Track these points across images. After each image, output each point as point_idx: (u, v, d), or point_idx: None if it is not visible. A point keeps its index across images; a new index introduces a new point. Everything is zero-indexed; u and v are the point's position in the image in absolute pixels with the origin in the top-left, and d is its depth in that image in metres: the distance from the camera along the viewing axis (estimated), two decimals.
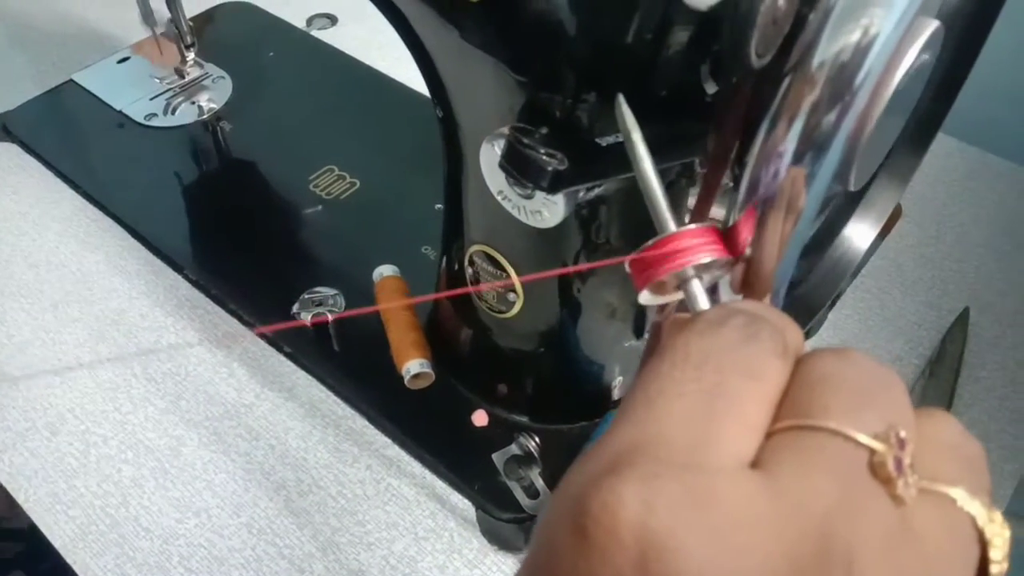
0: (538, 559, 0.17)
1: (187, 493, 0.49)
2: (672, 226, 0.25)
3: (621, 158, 0.33)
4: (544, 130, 0.34)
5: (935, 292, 0.60)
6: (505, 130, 0.33)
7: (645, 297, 0.26)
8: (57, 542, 0.48)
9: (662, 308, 0.28)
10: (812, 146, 0.26)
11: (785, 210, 0.27)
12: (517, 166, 0.32)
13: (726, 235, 0.26)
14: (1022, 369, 0.56)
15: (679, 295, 0.26)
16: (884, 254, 0.62)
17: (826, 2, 0.25)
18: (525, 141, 0.32)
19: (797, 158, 0.26)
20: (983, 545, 0.18)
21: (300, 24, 0.81)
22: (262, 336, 0.56)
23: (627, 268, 0.26)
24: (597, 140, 0.32)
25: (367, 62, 0.75)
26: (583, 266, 0.42)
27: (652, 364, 0.19)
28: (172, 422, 0.52)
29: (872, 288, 0.60)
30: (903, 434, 0.17)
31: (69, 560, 0.47)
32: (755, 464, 0.17)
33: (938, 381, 0.54)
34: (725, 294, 0.28)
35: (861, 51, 0.25)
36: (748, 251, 0.27)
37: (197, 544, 0.48)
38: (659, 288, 0.26)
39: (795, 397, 0.19)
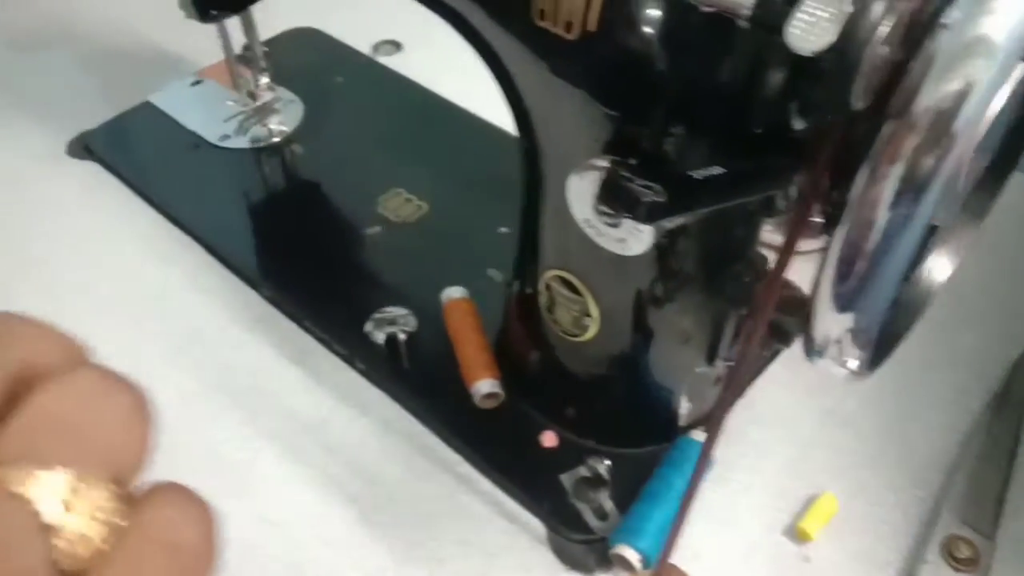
0: None
1: (265, 505, 0.51)
2: None
3: (714, 190, 0.34)
4: (633, 162, 0.36)
5: (999, 324, 0.60)
6: (600, 162, 0.35)
7: None
8: None
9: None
10: (912, 188, 0.27)
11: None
12: (614, 197, 0.34)
13: None
14: None
15: None
16: (948, 286, 0.62)
17: (928, 51, 0.26)
18: (623, 174, 0.33)
19: (897, 199, 0.27)
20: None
21: (366, 50, 0.83)
22: (335, 353, 0.58)
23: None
24: (691, 173, 0.33)
25: (431, 88, 0.77)
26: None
27: None
28: (249, 435, 0.54)
29: (935, 319, 0.61)
30: None
31: None
32: None
33: (1005, 416, 0.54)
34: None
35: (962, 98, 0.26)
36: None
37: (274, 556, 0.49)
38: None
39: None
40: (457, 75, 0.74)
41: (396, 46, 0.85)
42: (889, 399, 0.57)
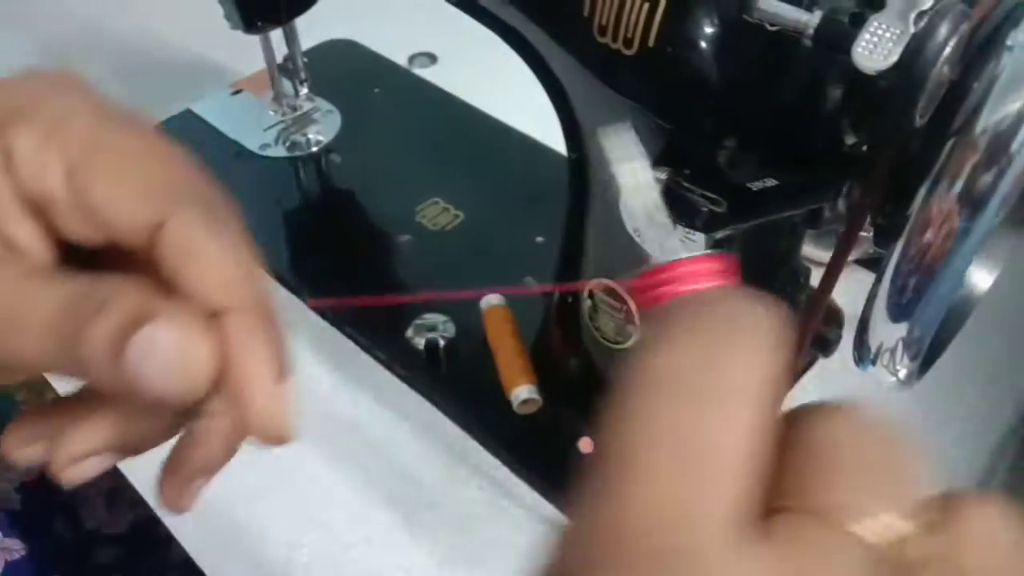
0: None
1: (309, 504, 0.52)
2: (681, 251, 0.25)
3: (774, 201, 0.35)
4: (687, 172, 0.37)
5: None
6: (658, 174, 0.36)
7: (638, 323, 0.26)
8: (188, 546, 0.50)
9: None
10: (971, 204, 0.28)
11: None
12: (675, 207, 0.35)
13: (727, 267, 0.27)
14: None
15: None
16: (985, 299, 0.63)
17: (991, 72, 0.27)
18: (685, 184, 0.34)
19: (959, 214, 0.28)
20: None
21: (402, 62, 0.85)
22: (377, 358, 0.59)
23: (623, 293, 0.26)
24: (748, 184, 0.34)
25: (467, 100, 0.79)
26: None
27: (623, 395, 0.16)
28: None
29: (968, 332, 0.61)
30: (914, 526, 0.16)
31: (199, 563, 0.50)
32: (748, 526, 0.15)
33: None
34: None
35: (1021, 119, 0.27)
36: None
37: (318, 554, 0.50)
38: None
39: (796, 466, 0.17)
40: (492, 87, 0.76)
41: (432, 58, 0.86)
42: (921, 409, 0.57)
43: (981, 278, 0.41)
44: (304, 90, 0.76)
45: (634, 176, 0.27)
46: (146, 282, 0.21)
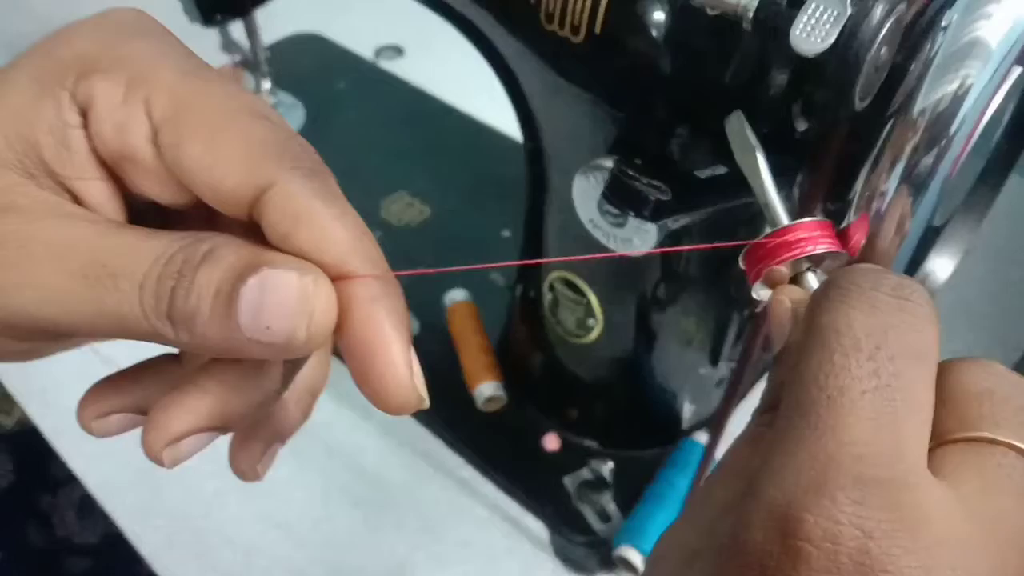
0: (733, 564, 0.18)
1: (269, 507, 0.51)
2: (786, 219, 0.26)
3: (720, 189, 0.34)
4: (639, 162, 0.36)
5: (1002, 327, 0.61)
6: (606, 162, 0.35)
7: (758, 289, 0.27)
8: (145, 550, 0.50)
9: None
10: (912, 185, 0.27)
11: (896, 226, 0.28)
12: (621, 196, 0.34)
13: (840, 234, 0.28)
14: None
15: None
16: (950, 288, 0.63)
17: (927, 54, 0.27)
18: (630, 172, 0.33)
19: (899, 195, 0.28)
20: None
21: (368, 55, 0.84)
22: (337, 357, 0.58)
23: (741, 262, 0.27)
24: (696, 172, 0.33)
25: (433, 93, 0.78)
26: (689, 249, 0.43)
27: (818, 353, 0.19)
28: None
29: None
30: None
31: (156, 568, 0.49)
32: (933, 469, 0.18)
33: None
34: None
35: (958, 100, 0.27)
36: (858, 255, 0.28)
37: (278, 556, 0.49)
38: (770, 280, 0.26)
39: (958, 407, 0.19)
40: (459, 79, 0.75)
41: (398, 51, 0.85)
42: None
43: (940, 269, 0.40)
44: (267, 84, 0.75)
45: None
46: (247, 240, 0.20)
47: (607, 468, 0.50)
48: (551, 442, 0.53)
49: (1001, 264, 0.65)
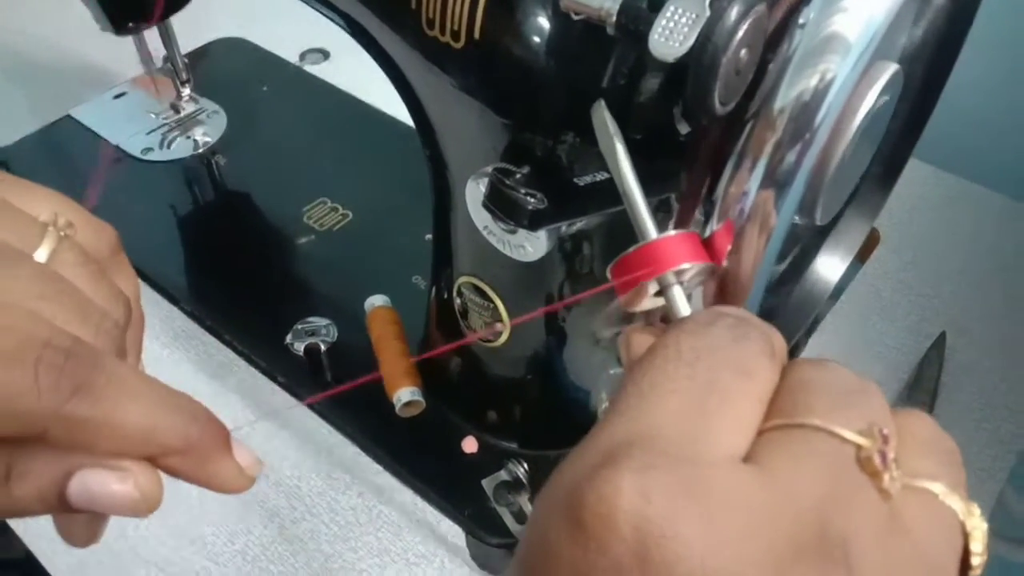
0: (531, 554, 0.17)
1: (183, 521, 0.50)
2: (654, 232, 0.26)
3: (599, 196, 0.34)
4: (526, 169, 0.36)
5: (913, 317, 0.62)
6: (488, 169, 0.35)
7: (625, 302, 0.27)
8: (54, 571, 0.48)
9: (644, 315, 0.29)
10: (775, 184, 0.28)
11: (758, 231, 0.29)
12: (499, 205, 0.34)
13: (706, 243, 0.28)
14: (998, 393, 0.57)
15: (659, 302, 0.27)
16: (863, 280, 0.64)
17: (785, 51, 0.27)
18: (507, 181, 0.33)
19: (762, 193, 0.28)
20: (964, 537, 0.19)
21: (293, 59, 0.83)
22: (256, 366, 0.57)
23: (608, 274, 0.27)
24: (576, 180, 0.33)
25: (359, 96, 0.77)
26: (569, 300, 0.43)
27: (643, 362, 0.20)
28: None
29: (851, 313, 0.62)
30: (885, 430, 0.18)
31: None
32: (747, 459, 0.18)
33: (915, 405, 0.55)
34: (699, 306, 0.29)
35: (819, 94, 0.27)
36: (725, 262, 0.28)
37: (193, 572, 0.49)
38: (639, 294, 0.27)
39: (781, 400, 0.19)
40: (385, 83, 0.74)
41: (324, 55, 0.84)
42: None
43: (830, 269, 0.41)
44: (187, 91, 0.74)
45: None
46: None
47: (523, 469, 0.50)
48: (469, 445, 0.52)
49: (916, 255, 0.66)
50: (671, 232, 0.26)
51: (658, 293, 0.26)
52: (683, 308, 0.25)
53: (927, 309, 0.62)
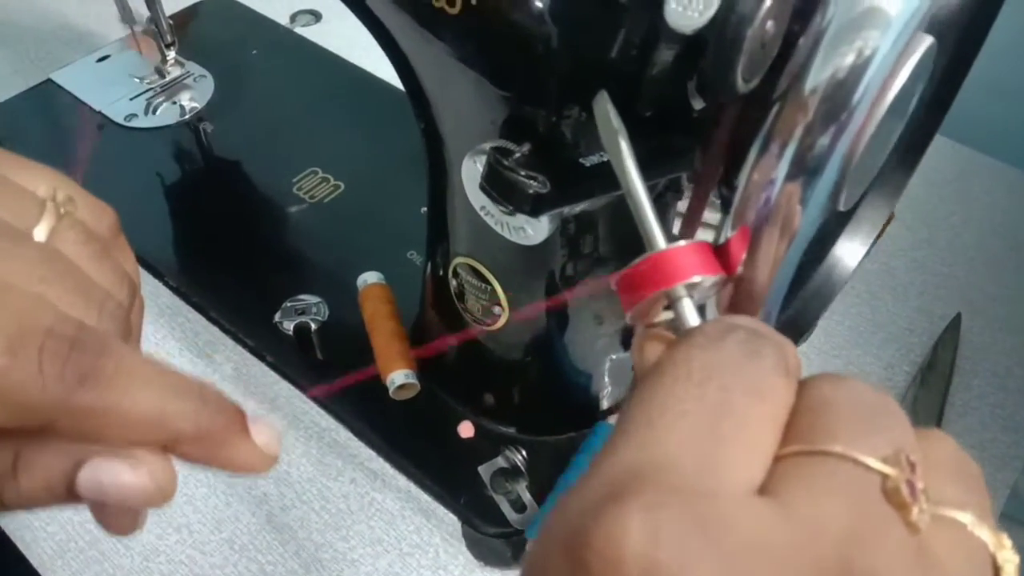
0: None
1: (167, 508, 0.48)
2: (662, 243, 0.24)
3: (605, 178, 0.32)
4: (527, 148, 0.33)
5: (927, 297, 0.60)
6: (486, 147, 0.32)
7: (633, 317, 0.25)
8: (35, 560, 0.47)
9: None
10: (805, 170, 0.25)
11: (780, 230, 0.26)
12: (497, 188, 0.31)
13: (718, 252, 0.25)
14: (1014, 376, 0.55)
15: (668, 315, 0.25)
16: (875, 258, 0.62)
17: (817, 25, 0.24)
18: (506, 162, 0.31)
19: (789, 183, 0.25)
20: (995, 571, 0.17)
21: (284, 20, 0.79)
22: (244, 345, 0.55)
23: (613, 286, 0.25)
24: (581, 160, 0.31)
25: (352, 59, 0.74)
26: (573, 293, 0.41)
27: (651, 380, 0.18)
28: None
29: (863, 293, 0.60)
30: (912, 457, 0.17)
31: None
32: (763, 490, 0.17)
33: (930, 389, 0.54)
34: (712, 315, 0.27)
35: (856, 72, 0.24)
36: (740, 270, 0.26)
37: (178, 560, 0.47)
38: (647, 307, 0.25)
39: (798, 423, 0.18)
40: (378, 46, 0.71)
41: (315, 16, 0.81)
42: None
43: (850, 254, 0.38)
44: (172, 54, 0.71)
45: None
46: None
47: (521, 456, 0.48)
48: (466, 430, 0.51)
49: (926, 232, 0.64)
50: (680, 243, 0.24)
51: (667, 307, 0.23)
52: (694, 322, 0.22)
53: (942, 289, 0.60)
